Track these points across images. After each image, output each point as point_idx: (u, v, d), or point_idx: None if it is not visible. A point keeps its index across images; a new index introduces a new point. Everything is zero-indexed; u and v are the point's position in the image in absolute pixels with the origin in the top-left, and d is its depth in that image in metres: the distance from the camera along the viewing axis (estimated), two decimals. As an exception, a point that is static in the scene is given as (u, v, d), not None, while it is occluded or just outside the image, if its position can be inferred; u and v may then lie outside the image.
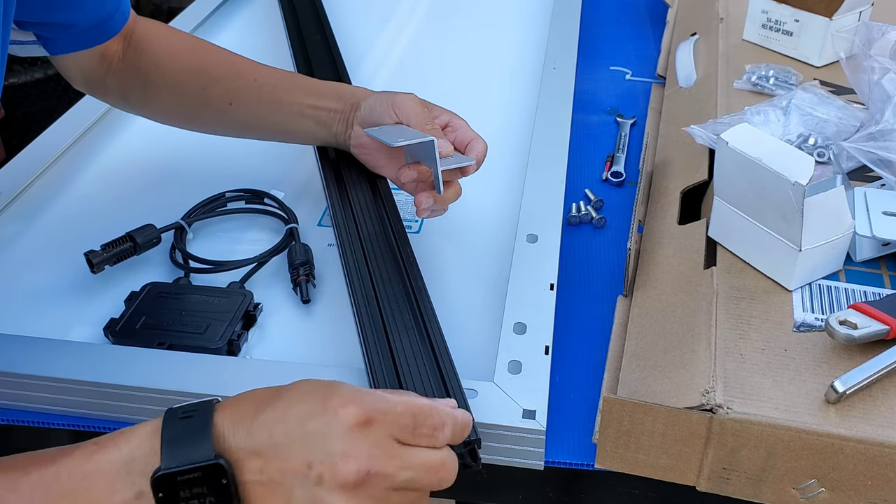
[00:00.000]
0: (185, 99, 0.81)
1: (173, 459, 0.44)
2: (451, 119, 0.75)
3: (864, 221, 0.68)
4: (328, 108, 0.78)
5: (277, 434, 0.45)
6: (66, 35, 0.75)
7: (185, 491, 0.44)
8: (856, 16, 0.93)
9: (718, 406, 0.54)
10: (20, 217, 0.85)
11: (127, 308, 0.71)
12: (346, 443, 0.45)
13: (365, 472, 0.44)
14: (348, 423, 0.45)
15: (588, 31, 1.19)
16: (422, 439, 0.47)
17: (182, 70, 0.81)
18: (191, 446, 0.44)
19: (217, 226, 0.83)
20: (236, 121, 0.82)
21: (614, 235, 0.83)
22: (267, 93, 0.80)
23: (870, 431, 0.53)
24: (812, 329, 0.61)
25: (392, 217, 0.77)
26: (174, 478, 0.44)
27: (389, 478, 0.45)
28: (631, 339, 0.66)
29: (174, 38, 0.84)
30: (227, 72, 0.81)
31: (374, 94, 0.77)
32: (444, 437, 0.48)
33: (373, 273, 0.70)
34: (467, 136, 0.74)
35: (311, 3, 1.21)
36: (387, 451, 0.45)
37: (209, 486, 0.44)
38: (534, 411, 0.59)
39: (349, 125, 0.78)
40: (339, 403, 0.46)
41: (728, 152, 0.64)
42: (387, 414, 0.46)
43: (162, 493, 0.44)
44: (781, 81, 0.90)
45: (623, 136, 0.97)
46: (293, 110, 0.79)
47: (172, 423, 0.46)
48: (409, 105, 0.73)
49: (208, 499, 0.44)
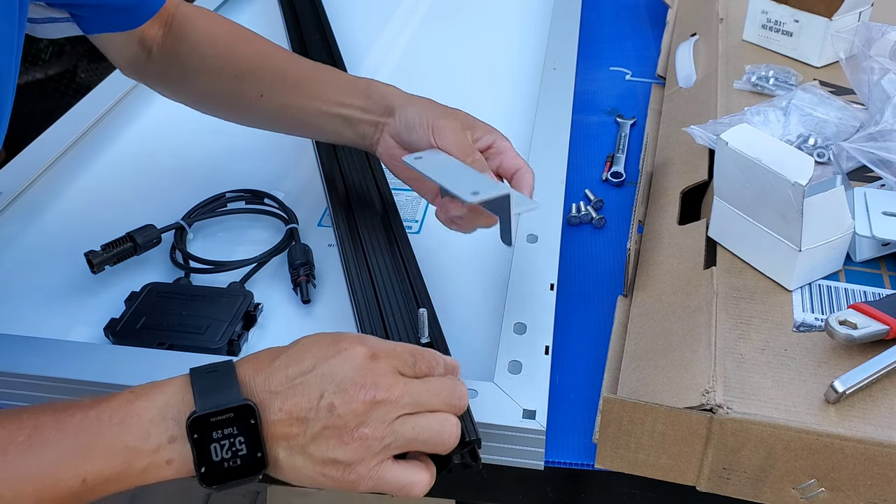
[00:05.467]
0: (219, 87, 0.79)
1: (207, 403, 0.49)
2: (494, 141, 0.69)
3: (863, 221, 0.68)
4: (356, 105, 0.74)
5: (293, 374, 0.50)
6: (98, 14, 0.73)
7: (218, 432, 0.48)
8: (856, 16, 0.93)
9: (718, 406, 0.55)
10: (20, 217, 0.85)
11: (127, 308, 0.71)
12: (356, 373, 0.49)
13: (372, 398, 0.49)
14: (356, 359, 0.50)
15: (588, 31, 1.19)
16: (420, 372, 0.52)
17: (217, 56, 0.78)
18: (221, 392, 0.49)
19: (217, 226, 0.83)
20: (267, 113, 0.79)
21: (614, 236, 0.83)
22: (296, 87, 0.76)
23: (870, 431, 0.53)
24: (812, 329, 0.61)
25: (392, 217, 0.77)
26: (207, 419, 0.48)
27: (395, 403, 0.49)
28: (631, 339, 0.66)
29: (214, 23, 0.81)
30: (260, 62, 0.78)
31: (412, 106, 0.71)
32: (440, 369, 0.54)
33: (373, 273, 0.70)
34: (513, 164, 0.68)
35: (311, 3, 1.22)
36: (391, 380, 0.50)
37: (239, 426, 0.48)
38: (534, 411, 0.59)
39: (379, 131, 0.73)
40: (348, 344, 0.51)
41: (728, 152, 0.64)
42: (389, 351, 0.52)
43: (196, 435, 0.48)
44: (781, 82, 0.90)
45: (623, 137, 0.97)
46: (320, 107, 0.75)
47: (201, 377, 0.50)
48: (450, 135, 0.67)
49: (238, 438, 0.48)
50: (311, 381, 0.50)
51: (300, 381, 0.50)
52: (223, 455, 0.49)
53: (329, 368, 0.50)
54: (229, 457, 0.49)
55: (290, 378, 0.50)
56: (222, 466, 0.49)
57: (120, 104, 1.02)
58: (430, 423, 0.51)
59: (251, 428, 0.49)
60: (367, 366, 0.50)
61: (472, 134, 0.68)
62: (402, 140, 0.70)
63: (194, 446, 0.48)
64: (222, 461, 0.49)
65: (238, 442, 0.48)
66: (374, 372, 0.50)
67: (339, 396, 0.49)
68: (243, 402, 0.49)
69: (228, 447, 0.49)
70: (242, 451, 0.49)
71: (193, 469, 0.49)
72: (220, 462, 0.49)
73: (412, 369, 0.52)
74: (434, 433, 0.51)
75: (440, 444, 0.51)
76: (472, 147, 0.67)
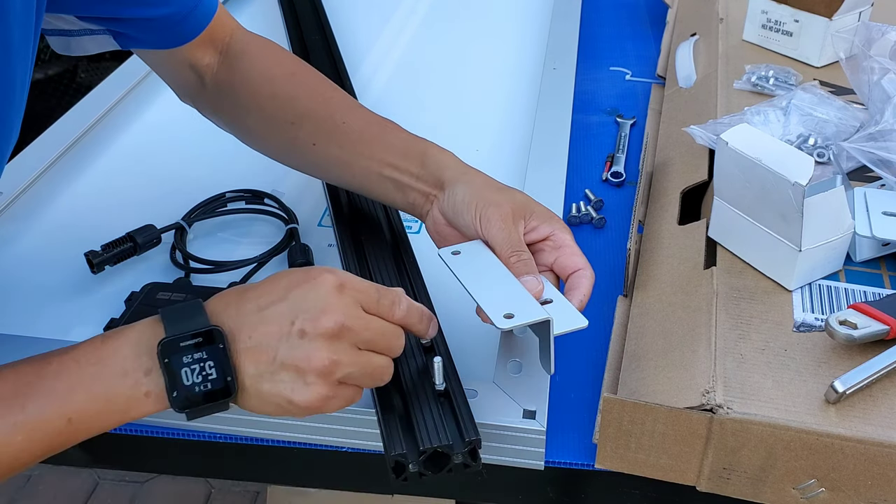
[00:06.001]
0: (272, 129, 0.74)
1: (175, 329, 0.51)
2: (553, 232, 0.63)
3: (863, 221, 0.68)
4: (409, 171, 0.68)
5: (263, 302, 0.52)
6: (131, 29, 0.69)
7: (188, 356, 0.50)
8: (856, 16, 0.93)
9: (718, 406, 0.55)
10: (20, 217, 0.85)
11: (127, 308, 0.71)
12: (325, 301, 0.51)
13: (340, 325, 0.51)
14: (326, 287, 0.52)
15: (588, 31, 1.19)
16: (382, 309, 0.54)
17: (274, 97, 0.73)
18: (189, 319, 0.51)
19: (217, 226, 0.83)
20: (319, 164, 0.74)
21: (614, 235, 0.83)
22: (351, 141, 0.70)
23: (870, 431, 0.53)
24: (812, 329, 0.61)
25: (392, 217, 0.77)
26: (177, 343, 0.50)
27: (357, 334, 0.52)
28: (631, 339, 0.66)
29: (273, 58, 0.76)
30: (317, 108, 0.72)
31: (462, 184, 0.65)
32: (400, 311, 0.55)
33: (373, 273, 0.70)
34: (571, 263, 0.62)
35: (311, 3, 1.22)
36: (356, 311, 0.52)
37: (208, 350, 0.50)
38: (534, 411, 0.59)
39: (430, 202, 0.67)
40: (318, 273, 0.53)
41: (728, 152, 0.64)
42: (356, 284, 0.54)
43: (167, 359, 0.50)
44: (781, 82, 0.90)
45: (623, 137, 0.97)
46: (373, 167, 0.69)
47: (169, 311, 0.52)
48: (497, 225, 0.61)
49: (207, 363, 0.50)
50: (282, 309, 0.51)
51: (271, 310, 0.51)
52: (193, 379, 0.50)
53: (299, 296, 0.52)
54: (199, 381, 0.50)
55: (262, 307, 0.52)
56: (193, 390, 0.50)
57: (120, 104, 1.02)
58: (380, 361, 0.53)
59: (220, 352, 0.50)
60: (335, 295, 0.52)
61: (527, 223, 0.63)
62: (450, 220, 0.66)
63: (165, 370, 0.50)
64: (193, 385, 0.50)
65: (208, 366, 0.50)
66: (341, 300, 0.52)
67: (310, 322, 0.50)
68: (211, 326, 0.51)
69: (199, 371, 0.50)
70: (213, 376, 0.50)
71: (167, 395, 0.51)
72: (191, 386, 0.50)
73: (375, 304, 0.54)
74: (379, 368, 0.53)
75: (379, 381, 0.54)
76: (519, 242, 0.61)
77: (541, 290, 0.59)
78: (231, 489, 1.65)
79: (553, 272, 0.63)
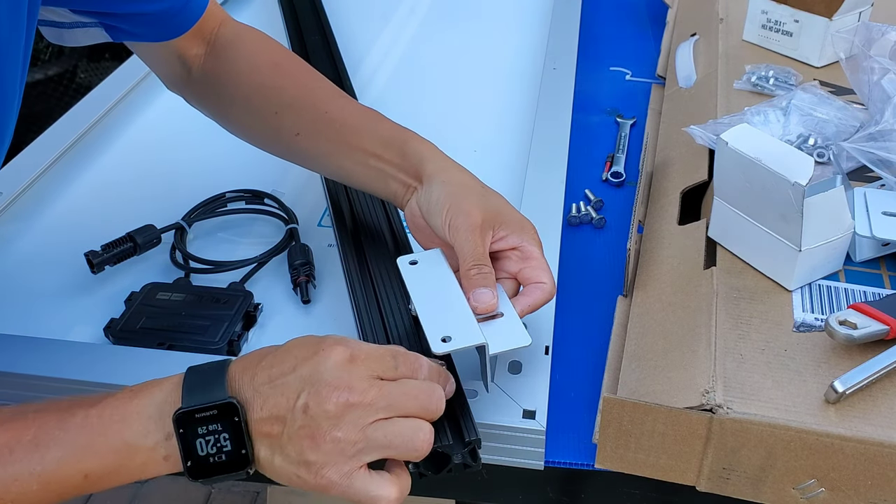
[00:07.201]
0: (257, 120, 0.75)
1: (192, 400, 0.50)
2: (522, 244, 0.62)
3: (863, 221, 0.68)
4: (391, 161, 0.68)
5: (275, 374, 0.51)
6: (124, 23, 0.69)
7: (202, 428, 0.50)
8: (856, 16, 0.93)
9: (718, 406, 0.55)
10: (20, 217, 0.85)
11: (127, 308, 0.71)
12: (332, 375, 0.50)
13: (345, 401, 0.49)
14: (335, 361, 0.50)
15: (588, 31, 1.19)
16: (403, 374, 0.52)
17: (259, 87, 0.74)
18: (207, 389, 0.50)
19: (217, 226, 0.83)
20: (303, 154, 0.74)
21: (614, 235, 0.83)
22: (334, 131, 0.71)
23: (870, 431, 0.53)
24: (812, 329, 0.61)
25: (393, 217, 0.77)
26: (192, 415, 0.49)
27: (369, 407, 0.49)
28: (631, 339, 0.66)
29: (259, 49, 0.76)
30: (301, 98, 0.73)
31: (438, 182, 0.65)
32: (423, 376, 0.53)
33: (373, 273, 0.70)
34: (534, 276, 0.61)
35: (311, 3, 1.22)
36: (366, 383, 0.50)
37: (223, 423, 0.50)
38: (534, 411, 0.59)
39: (410, 193, 0.68)
40: (328, 345, 0.51)
41: (728, 152, 0.64)
42: (370, 353, 0.52)
43: (182, 430, 0.50)
44: (781, 82, 0.90)
45: (623, 137, 0.97)
46: (355, 156, 0.70)
47: (193, 374, 0.52)
48: (464, 236, 0.60)
49: (222, 435, 0.50)
50: (291, 381, 0.50)
51: (281, 382, 0.50)
52: (208, 450, 0.50)
53: (307, 369, 0.50)
54: (214, 452, 0.50)
55: (273, 378, 0.51)
56: (208, 461, 0.50)
57: (120, 104, 1.02)
58: (403, 430, 0.50)
59: (234, 425, 0.50)
60: (344, 368, 0.50)
61: (496, 232, 0.62)
62: (424, 216, 0.66)
63: (180, 440, 0.50)
64: (208, 456, 0.50)
65: (223, 438, 0.50)
66: (351, 374, 0.50)
67: (314, 398, 0.49)
68: (227, 399, 0.50)
69: (213, 443, 0.50)
70: (227, 448, 0.50)
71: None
72: (205, 457, 0.50)
73: (393, 372, 0.52)
74: (406, 440, 0.50)
75: (412, 451, 0.50)
76: (483, 255, 0.60)
77: (494, 304, 0.58)
78: (231, 489, 1.65)
79: (516, 280, 0.62)
